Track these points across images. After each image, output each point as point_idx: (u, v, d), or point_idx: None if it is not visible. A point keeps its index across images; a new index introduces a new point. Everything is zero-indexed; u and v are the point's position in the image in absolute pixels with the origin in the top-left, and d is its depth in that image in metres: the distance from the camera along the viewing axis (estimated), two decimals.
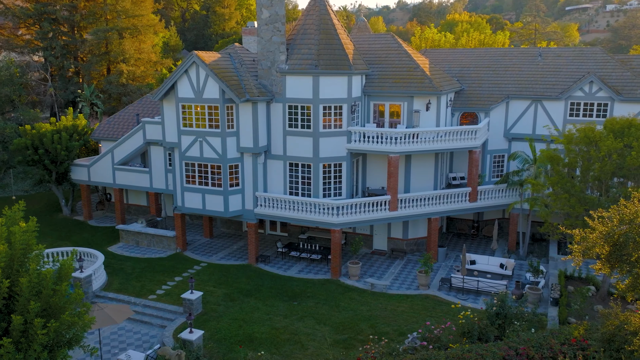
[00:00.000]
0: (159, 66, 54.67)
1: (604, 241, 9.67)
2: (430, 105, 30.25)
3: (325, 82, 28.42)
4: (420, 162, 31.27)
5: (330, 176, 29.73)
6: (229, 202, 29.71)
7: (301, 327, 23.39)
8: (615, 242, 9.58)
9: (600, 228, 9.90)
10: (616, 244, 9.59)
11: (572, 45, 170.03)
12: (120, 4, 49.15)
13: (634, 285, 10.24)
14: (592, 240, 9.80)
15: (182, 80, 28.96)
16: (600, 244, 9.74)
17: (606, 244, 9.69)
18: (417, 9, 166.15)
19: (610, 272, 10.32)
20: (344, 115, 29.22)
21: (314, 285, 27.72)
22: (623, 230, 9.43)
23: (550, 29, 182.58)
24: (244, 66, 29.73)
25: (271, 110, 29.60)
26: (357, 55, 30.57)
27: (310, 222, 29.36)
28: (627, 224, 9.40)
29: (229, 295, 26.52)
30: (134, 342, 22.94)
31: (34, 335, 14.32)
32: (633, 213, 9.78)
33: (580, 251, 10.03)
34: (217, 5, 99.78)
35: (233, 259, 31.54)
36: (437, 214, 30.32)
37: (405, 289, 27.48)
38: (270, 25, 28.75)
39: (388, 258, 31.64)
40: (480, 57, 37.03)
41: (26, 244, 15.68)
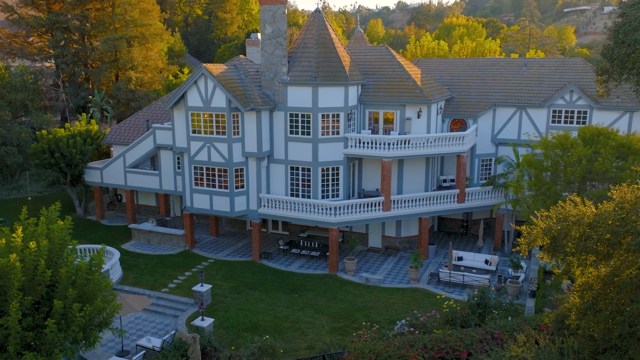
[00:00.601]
0: (165, 72, 57.08)
1: (544, 235, 12.05)
2: (421, 113, 32.64)
3: (324, 92, 30.83)
4: (412, 166, 33.67)
5: (328, 179, 32.13)
6: (234, 203, 32.12)
7: (301, 316, 25.79)
8: (553, 236, 11.97)
9: (541, 224, 12.26)
10: (553, 237, 11.98)
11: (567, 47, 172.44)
12: (129, 14, 51.56)
13: (566, 270, 12.64)
14: (534, 234, 12.18)
15: (191, 91, 31.37)
16: (541, 237, 12.11)
17: (546, 237, 12.07)
18: (415, 11, 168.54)
19: (550, 260, 12.73)
20: (341, 122, 31.62)
21: (313, 280, 30.12)
22: (559, 226, 11.79)
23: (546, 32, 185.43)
24: (248, 77, 32.14)
25: (274, 118, 32.01)
26: (354, 66, 32.97)
27: (310, 222, 31.77)
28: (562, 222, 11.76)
29: (235, 288, 28.93)
30: (150, 329, 25.34)
31: (73, 317, 16.73)
32: (567, 212, 12.12)
33: (525, 243, 12.41)
34: (219, 10, 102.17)
35: (238, 255, 33.94)
36: (428, 214, 32.72)
37: (397, 282, 29.88)
38: (273, 40, 31.16)
39: (382, 255, 34.04)
40: (469, 67, 39.43)
41: (63, 240, 18.10)
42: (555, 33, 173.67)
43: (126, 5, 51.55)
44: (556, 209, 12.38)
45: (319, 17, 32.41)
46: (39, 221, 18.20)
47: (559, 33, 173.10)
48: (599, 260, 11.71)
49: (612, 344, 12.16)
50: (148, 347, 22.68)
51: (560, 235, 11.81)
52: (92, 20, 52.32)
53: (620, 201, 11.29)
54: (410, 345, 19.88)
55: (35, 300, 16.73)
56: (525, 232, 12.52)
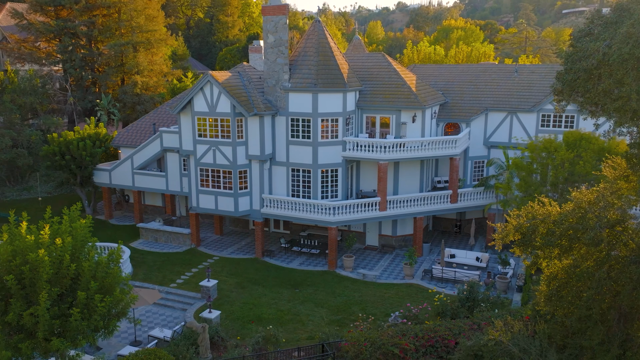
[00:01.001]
0: (170, 76, 58.80)
1: (515, 231, 13.72)
2: (416, 118, 34.34)
3: (323, 98, 32.54)
4: (407, 168, 35.37)
5: (327, 180, 33.83)
6: (238, 203, 33.83)
7: (302, 309, 27.51)
8: (523, 232, 13.64)
9: (513, 222, 13.95)
10: (523, 233, 13.65)
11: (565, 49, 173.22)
12: (135, 20, 53.26)
13: (534, 262, 14.33)
14: (507, 231, 13.85)
15: (197, 97, 33.07)
16: (513, 233, 13.78)
17: (517, 233, 13.74)
18: (414, 13, 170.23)
19: (521, 254, 14.41)
20: (340, 126, 33.33)
21: (313, 276, 31.83)
22: (528, 223, 13.46)
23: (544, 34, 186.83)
24: (251, 83, 33.85)
25: (276, 123, 33.72)
26: (352, 73, 34.67)
27: (310, 221, 33.48)
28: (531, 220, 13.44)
29: (239, 283, 30.64)
30: (160, 322, 27.05)
31: (94, 307, 18.42)
32: (535, 211, 13.79)
33: (499, 238, 14.09)
34: (220, 14, 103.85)
35: (242, 253, 35.64)
36: (422, 213, 34.42)
37: (392, 278, 31.59)
38: (275, 49, 32.87)
39: (379, 252, 35.74)
40: (463, 73, 41.12)
41: (84, 237, 19.80)
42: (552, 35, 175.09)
43: (132, 11, 53.26)
44: (526, 208, 14.08)
45: (318, 26, 34.11)
46: (62, 220, 19.92)
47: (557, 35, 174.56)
48: (562, 253, 13.40)
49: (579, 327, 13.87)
50: (159, 337, 24.39)
51: (529, 232, 13.51)
52: (99, 26, 54.01)
53: (578, 202, 13.00)
54: (402, 334, 21.60)
55: (60, 291, 18.42)
56: (500, 229, 14.23)
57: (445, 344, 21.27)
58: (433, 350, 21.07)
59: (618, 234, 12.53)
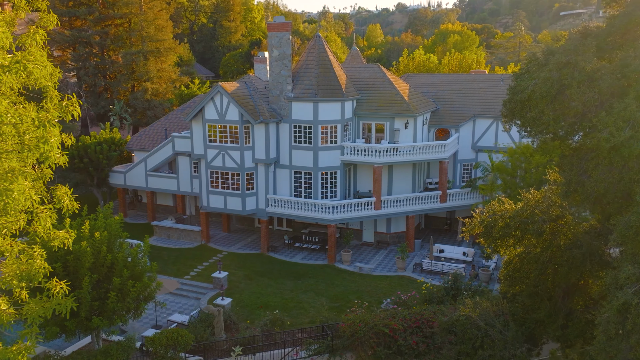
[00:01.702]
0: (177, 83, 61.98)
1: (479, 225, 16.79)
2: (408, 125, 37.50)
3: (323, 107, 35.70)
4: (401, 170, 38.51)
5: (327, 182, 36.98)
6: (245, 203, 36.98)
7: (304, 298, 30.67)
8: (485, 225, 16.72)
9: (477, 217, 17.00)
10: (486, 226, 16.73)
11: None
12: (146, 30, 56.42)
13: (495, 250, 17.44)
14: (473, 224, 16.91)
15: (208, 106, 36.22)
16: (477, 227, 16.85)
17: (481, 226, 16.81)
18: (413, 17, 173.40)
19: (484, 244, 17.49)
20: (338, 133, 36.48)
21: (314, 269, 34.99)
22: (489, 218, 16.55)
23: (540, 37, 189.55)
24: (257, 93, 36.99)
25: (280, 129, 36.87)
26: (349, 83, 37.81)
27: (311, 219, 36.63)
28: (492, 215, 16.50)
29: (247, 275, 33.78)
30: (177, 308, 30.19)
31: (127, 291, 21.59)
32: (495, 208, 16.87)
33: (466, 231, 17.17)
34: (223, 19, 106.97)
35: (248, 248, 38.80)
36: (414, 212, 37.56)
37: (386, 271, 34.74)
38: (279, 62, 36.01)
39: (374, 248, 38.90)
40: (452, 82, 44.27)
41: (117, 232, 22.97)
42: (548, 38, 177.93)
43: (143, 22, 56.41)
44: (488, 206, 17.22)
45: (319, 41, 37.27)
46: (98, 216, 23.09)
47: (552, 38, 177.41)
48: (516, 243, 16.53)
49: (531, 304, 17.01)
50: (178, 321, 27.54)
51: (490, 225, 16.63)
52: (111, 36, 57.16)
53: (527, 201, 16.12)
54: (392, 317, 24.73)
55: (98, 278, 21.56)
56: (468, 223, 17.37)
57: (430, 326, 24.35)
58: (418, 330, 24.18)
59: (559, 227, 15.63)
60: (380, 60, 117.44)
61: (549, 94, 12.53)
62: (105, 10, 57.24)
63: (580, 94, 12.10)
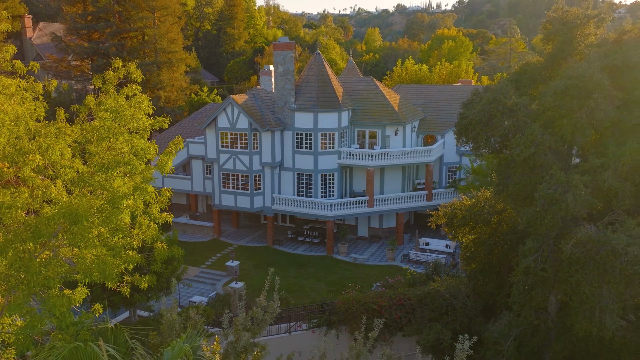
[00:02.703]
0: (188, 91, 66.71)
1: (443, 216, 21.47)
2: (398, 132, 42.28)
3: (322, 117, 40.48)
4: (391, 172, 43.28)
5: (326, 182, 41.75)
6: (254, 201, 41.77)
7: (306, 283, 35.46)
8: (448, 216, 21.38)
9: (442, 210, 21.68)
10: (448, 217, 21.39)
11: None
12: (159, 43, 61.16)
13: (455, 237, 22.16)
14: (438, 216, 21.57)
15: (221, 115, 41.01)
16: (442, 218, 21.52)
17: (444, 217, 21.49)
18: (410, 22, 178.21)
19: (447, 231, 22.15)
20: (336, 139, 41.26)
21: (314, 259, 39.77)
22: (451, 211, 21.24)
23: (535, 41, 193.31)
24: (264, 104, 41.78)
25: (284, 136, 41.65)
26: (346, 95, 42.60)
27: (312, 216, 41.40)
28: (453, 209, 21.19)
29: (255, 265, 38.56)
30: (196, 292, 34.99)
31: (164, 271, 26.37)
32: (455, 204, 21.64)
33: (433, 221, 21.85)
34: (227, 27, 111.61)
35: (256, 242, 43.59)
36: (402, 209, 42.34)
37: (378, 261, 39.53)
38: (284, 77, 40.80)
39: (368, 241, 43.68)
40: (439, 92, 49.05)
41: None
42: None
43: (156, 35, 61.15)
44: (450, 202, 21.98)
45: (318, 58, 42.07)
46: None
47: None
48: (470, 230, 21.27)
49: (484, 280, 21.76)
50: (198, 301, 32.31)
51: (451, 217, 21.39)
52: (127, 48, 61.88)
53: (478, 197, 20.89)
54: (380, 297, 29.48)
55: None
56: (435, 215, 22.15)
57: (411, 304, 29.12)
58: (402, 307, 28.91)
59: (502, 217, 20.33)
60: (378, 65, 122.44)
61: (482, 121, 17.14)
62: (121, 24, 61.94)
63: (502, 122, 16.83)
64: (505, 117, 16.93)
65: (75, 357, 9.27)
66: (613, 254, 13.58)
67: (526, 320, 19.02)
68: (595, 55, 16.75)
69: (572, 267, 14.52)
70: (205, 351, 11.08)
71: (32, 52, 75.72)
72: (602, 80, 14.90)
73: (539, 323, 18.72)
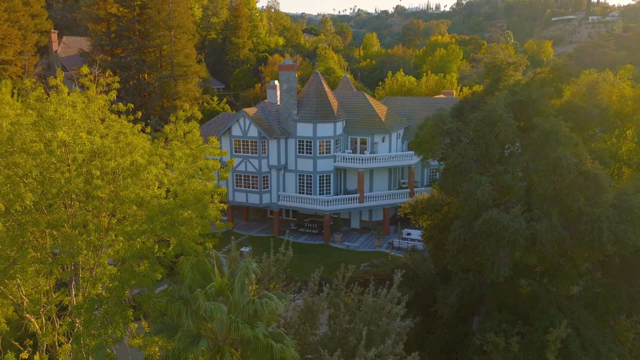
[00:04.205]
0: (200, 100, 74.33)
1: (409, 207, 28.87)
2: (385, 139, 49.84)
3: (320, 126, 48.05)
4: (379, 173, 50.82)
5: (323, 182, 49.29)
6: (262, 198, 49.33)
7: (307, 265, 43.02)
8: (412, 207, 28.77)
9: (408, 203, 29.09)
10: (412, 207, 28.78)
11: (545, 60, 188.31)
12: (176, 58, 68.78)
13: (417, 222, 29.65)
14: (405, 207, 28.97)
15: (234, 125, 48.57)
16: (407, 208, 28.93)
17: (409, 208, 28.90)
18: (406, 28, 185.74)
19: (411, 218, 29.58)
20: (332, 145, 48.80)
21: (314, 247, 47.34)
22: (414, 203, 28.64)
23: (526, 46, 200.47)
24: (271, 116, 49.34)
25: (288, 143, 49.21)
26: (340, 108, 50.15)
27: (311, 210, 48.96)
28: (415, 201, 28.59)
29: (264, 250, 46.00)
30: None
31: None
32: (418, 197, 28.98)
33: (401, 211, 29.22)
34: (232, 36, 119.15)
35: (263, 233, 51.16)
36: (388, 205, 49.88)
37: (367, 248, 47.11)
38: (288, 93, 48.37)
39: (359, 232, 51.26)
40: (422, 103, 56.55)
41: None
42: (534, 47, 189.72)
43: (173, 52, 68.76)
44: (415, 196, 29.49)
45: (317, 77, 49.68)
46: None
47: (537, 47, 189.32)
48: (428, 217, 28.79)
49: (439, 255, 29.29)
50: None
51: (414, 207, 28.90)
52: (147, 63, 69.51)
53: (434, 193, 28.44)
54: (365, 273, 37.08)
55: None
56: (402, 206, 29.68)
57: (390, 278, 36.72)
58: (383, 281, 36.51)
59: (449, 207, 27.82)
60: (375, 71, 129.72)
61: (428, 139, 24.49)
62: (141, 41, 69.55)
63: (443, 140, 24.23)
64: (444, 137, 24.32)
65: (199, 263, 17.27)
66: (503, 228, 20.92)
67: (467, 281, 26.57)
68: (503, 95, 24.15)
69: (481, 238, 21.86)
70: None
71: (57, 64, 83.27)
72: (503, 114, 22.20)
73: (475, 282, 26.27)
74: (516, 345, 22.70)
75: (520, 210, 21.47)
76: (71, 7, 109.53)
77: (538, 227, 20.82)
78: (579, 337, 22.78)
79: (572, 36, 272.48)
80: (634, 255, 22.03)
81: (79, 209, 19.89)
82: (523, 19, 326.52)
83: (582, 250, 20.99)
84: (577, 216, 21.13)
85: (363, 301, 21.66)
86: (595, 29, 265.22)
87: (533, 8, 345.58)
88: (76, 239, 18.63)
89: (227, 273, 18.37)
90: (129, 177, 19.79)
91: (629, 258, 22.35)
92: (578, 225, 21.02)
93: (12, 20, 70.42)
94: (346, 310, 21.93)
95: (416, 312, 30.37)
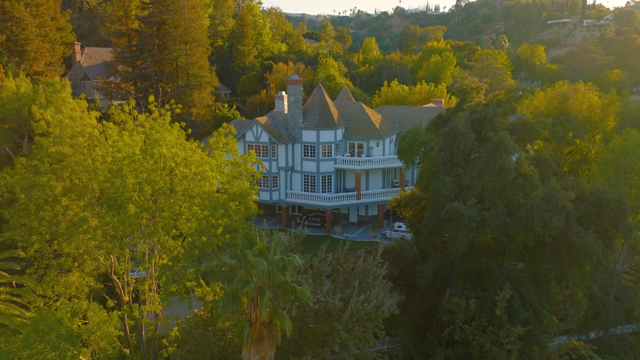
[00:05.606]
0: (213, 107, 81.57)
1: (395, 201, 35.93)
2: (379, 144, 57.12)
3: (323, 133, 55.31)
4: (374, 174, 58.08)
5: (325, 181, 56.56)
6: (272, 195, 56.61)
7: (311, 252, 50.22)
8: (397, 201, 35.83)
9: (394, 197, 36.19)
10: (397, 201, 35.81)
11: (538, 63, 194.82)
12: (191, 70, 76.01)
13: (401, 213, 36.73)
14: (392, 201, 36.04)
15: (248, 132, 55.83)
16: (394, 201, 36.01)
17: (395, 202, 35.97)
18: (403, 34, 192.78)
19: (397, 209, 36.59)
20: (332, 149, 56.06)
21: (317, 238, 54.55)
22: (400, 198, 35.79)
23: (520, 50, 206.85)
24: (280, 123, 56.60)
25: (294, 147, 56.47)
26: (340, 116, 57.39)
27: (315, 206, 56.24)
28: (400, 195, 35.83)
29: None
30: None
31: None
32: (402, 193, 36.19)
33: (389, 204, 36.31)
34: (238, 44, 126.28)
35: (273, 226, 58.31)
36: (382, 201, 57.14)
37: (363, 239, 54.40)
38: (294, 104, 55.63)
39: (357, 225, 58.53)
40: (413, 112, 63.80)
41: None
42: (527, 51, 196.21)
43: (189, 63, 75.98)
44: (400, 192, 36.73)
45: (320, 90, 57.00)
46: None
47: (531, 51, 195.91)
48: (411, 209, 35.97)
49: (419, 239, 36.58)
50: None
51: (399, 201, 36.10)
52: (166, 74, 76.74)
53: (414, 190, 35.65)
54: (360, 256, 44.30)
55: None
56: (389, 201, 36.89)
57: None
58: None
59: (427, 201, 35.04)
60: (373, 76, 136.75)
61: (407, 149, 31.60)
62: (160, 54, 76.71)
63: (417, 149, 31.39)
64: (419, 146, 31.53)
65: (247, 234, 24.52)
66: (461, 215, 28.04)
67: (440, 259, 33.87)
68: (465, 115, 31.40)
69: (445, 223, 29.02)
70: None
71: (80, 74, 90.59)
72: (463, 130, 29.30)
73: (446, 260, 33.55)
74: (474, 305, 29.99)
75: (474, 202, 28.69)
76: (86, 17, 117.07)
77: (487, 215, 28.09)
78: (521, 299, 30.08)
79: (567, 39, 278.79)
80: (560, 236, 29.26)
81: (165, 199, 27.38)
82: (520, 22, 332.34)
83: (520, 232, 28.22)
84: (516, 206, 28.37)
85: (355, 267, 28.80)
86: (590, 32, 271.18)
87: (530, 11, 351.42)
88: (165, 219, 26.15)
89: (265, 241, 25.58)
90: (200, 181, 27.27)
91: (557, 238, 29.59)
92: (517, 213, 28.26)
93: (42, 35, 77.70)
94: (343, 272, 29.12)
95: (402, 287, 37.64)
